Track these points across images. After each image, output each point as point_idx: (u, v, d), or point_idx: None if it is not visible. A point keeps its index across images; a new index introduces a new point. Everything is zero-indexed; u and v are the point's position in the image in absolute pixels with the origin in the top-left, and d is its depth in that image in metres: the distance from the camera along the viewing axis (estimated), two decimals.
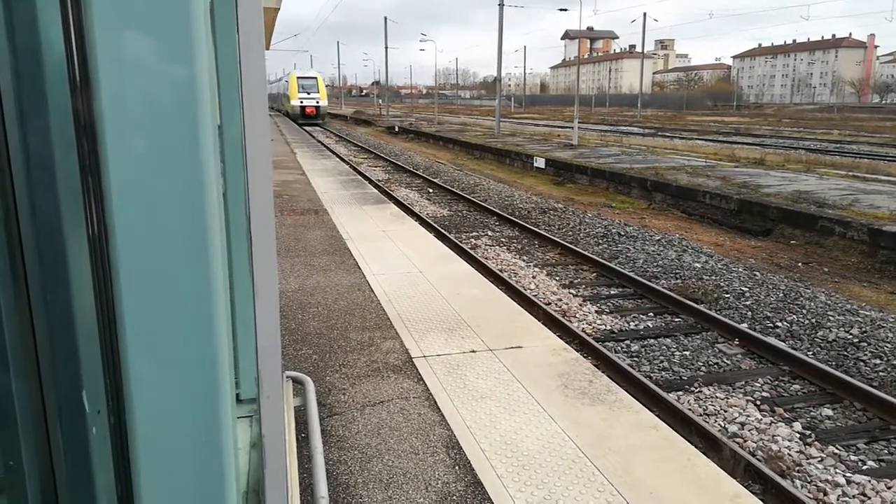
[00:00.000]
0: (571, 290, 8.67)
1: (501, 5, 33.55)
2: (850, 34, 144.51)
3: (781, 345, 6.61)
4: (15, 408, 1.01)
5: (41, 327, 1.01)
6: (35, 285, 0.99)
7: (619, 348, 6.78)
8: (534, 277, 9.27)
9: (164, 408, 1.03)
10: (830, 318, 7.46)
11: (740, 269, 9.61)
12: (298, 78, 50.05)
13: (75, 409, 1.08)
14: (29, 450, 1.04)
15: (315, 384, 3.45)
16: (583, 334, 6.86)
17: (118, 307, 0.97)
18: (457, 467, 3.24)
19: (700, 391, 5.76)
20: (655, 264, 9.97)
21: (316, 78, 50.83)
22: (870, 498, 4.27)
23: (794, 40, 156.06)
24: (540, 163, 22.31)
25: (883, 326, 7.10)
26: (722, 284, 8.80)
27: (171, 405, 1.03)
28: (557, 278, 9.28)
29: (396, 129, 43.41)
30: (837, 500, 4.25)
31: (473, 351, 4.65)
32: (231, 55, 1.72)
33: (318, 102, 49.73)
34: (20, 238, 0.96)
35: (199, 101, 0.93)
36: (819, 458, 4.70)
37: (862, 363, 6.32)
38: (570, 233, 12.33)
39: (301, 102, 49.03)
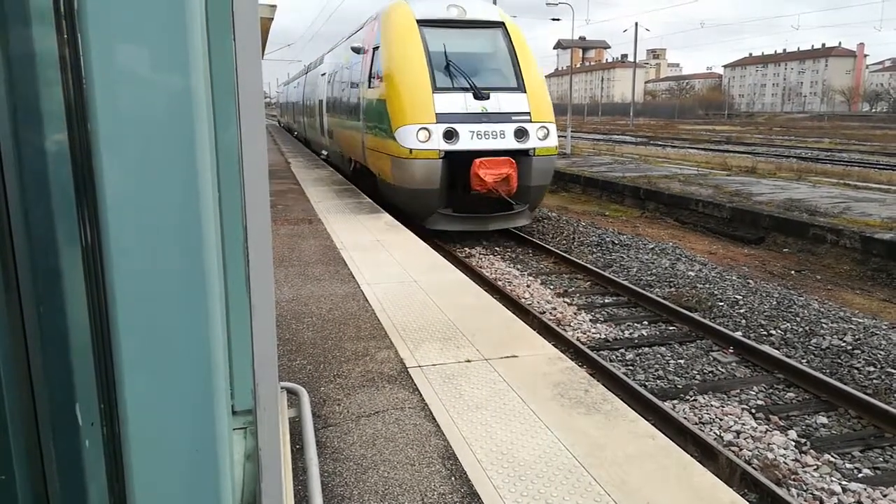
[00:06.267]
0: (566, 299, 8.67)
1: None
2: (840, 43, 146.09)
3: (776, 353, 6.62)
4: (7, 420, 1.00)
5: (34, 339, 1.00)
6: (28, 297, 0.98)
7: (614, 357, 6.77)
8: (528, 286, 9.27)
9: (159, 420, 1.02)
10: (824, 325, 7.48)
11: (734, 277, 9.64)
12: (427, 31, 11.14)
13: (68, 422, 1.06)
14: (21, 463, 1.03)
15: (310, 395, 3.43)
16: (578, 343, 6.86)
17: (112, 319, 0.96)
18: (453, 478, 3.22)
19: (695, 399, 5.76)
20: (649, 273, 9.99)
21: (501, 24, 11.82)
22: None
23: (785, 50, 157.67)
24: None
25: (876, 334, 7.12)
26: (716, 292, 8.82)
27: (166, 417, 1.02)
28: (552, 287, 9.28)
29: None
30: None
31: (469, 360, 4.63)
32: (226, 65, 1.72)
33: (524, 138, 10.83)
34: (13, 250, 0.95)
35: (195, 113, 0.93)
36: (815, 467, 4.69)
37: (856, 370, 6.34)
38: (564, 241, 12.35)
39: (450, 142, 10.43)
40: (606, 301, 8.64)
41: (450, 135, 10.46)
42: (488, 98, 10.90)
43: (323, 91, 20.19)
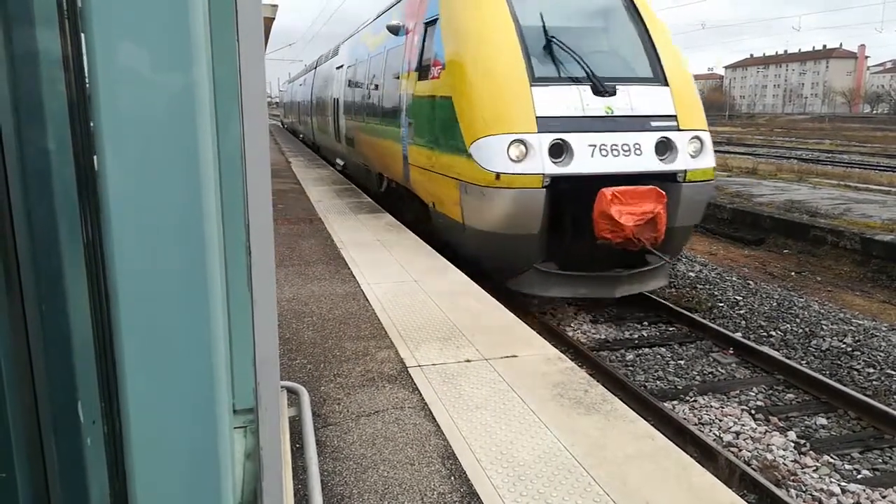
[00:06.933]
0: (566, 300, 8.67)
1: None
2: (841, 45, 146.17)
3: (775, 354, 6.62)
4: (8, 417, 1.00)
5: (36, 338, 1.01)
6: (30, 296, 0.98)
7: (614, 357, 6.77)
8: None
9: (160, 418, 1.02)
10: (824, 326, 7.48)
11: (734, 278, 9.64)
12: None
13: (70, 420, 1.07)
14: (22, 460, 1.03)
15: (310, 394, 3.43)
16: (578, 343, 6.86)
17: (114, 318, 0.96)
18: (452, 478, 3.22)
19: (695, 400, 5.76)
20: None
21: None
22: None
23: (786, 51, 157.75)
24: None
25: (876, 335, 7.12)
26: (716, 293, 8.82)
27: (167, 415, 1.03)
28: None
29: None
30: None
31: (468, 360, 4.63)
32: (229, 64, 1.72)
33: (670, 154, 7.09)
34: (16, 249, 0.95)
35: (197, 112, 0.93)
36: (814, 468, 4.70)
37: (855, 372, 6.34)
38: None
39: (559, 161, 6.70)
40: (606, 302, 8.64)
41: (559, 150, 6.71)
42: (614, 94, 7.11)
43: (339, 87, 16.01)
